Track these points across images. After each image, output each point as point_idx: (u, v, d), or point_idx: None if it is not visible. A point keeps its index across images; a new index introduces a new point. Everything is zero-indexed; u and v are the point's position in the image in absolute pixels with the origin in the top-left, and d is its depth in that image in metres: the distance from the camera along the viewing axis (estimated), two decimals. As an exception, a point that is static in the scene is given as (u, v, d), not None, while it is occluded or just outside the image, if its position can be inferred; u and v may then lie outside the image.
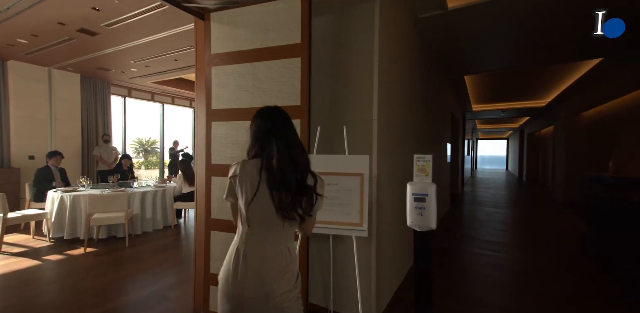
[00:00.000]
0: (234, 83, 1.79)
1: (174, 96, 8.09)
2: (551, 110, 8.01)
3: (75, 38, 3.90)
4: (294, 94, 1.65)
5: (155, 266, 2.78)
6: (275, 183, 0.87)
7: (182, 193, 4.30)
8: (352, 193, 1.42)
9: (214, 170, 1.86)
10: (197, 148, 2.04)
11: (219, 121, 1.85)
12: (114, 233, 3.64)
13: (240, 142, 1.78)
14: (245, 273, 0.88)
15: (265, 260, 0.89)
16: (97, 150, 5.55)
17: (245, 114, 1.77)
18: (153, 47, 4.25)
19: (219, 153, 1.85)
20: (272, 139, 0.92)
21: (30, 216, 3.34)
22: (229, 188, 0.98)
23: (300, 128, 1.62)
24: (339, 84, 1.91)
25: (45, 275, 2.57)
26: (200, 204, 2.01)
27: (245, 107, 1.77)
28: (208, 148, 1.89)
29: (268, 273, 0.88)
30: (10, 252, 3.07)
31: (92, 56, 4.63)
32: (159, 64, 5.09)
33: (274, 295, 0.87)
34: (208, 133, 1.88)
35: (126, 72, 5.64)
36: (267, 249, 0.90)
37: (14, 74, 4.91)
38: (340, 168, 1.45)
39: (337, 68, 1.93)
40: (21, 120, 5.00)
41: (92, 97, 6.12)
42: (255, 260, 0.89)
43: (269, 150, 0.91)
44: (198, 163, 2.05)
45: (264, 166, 0.90)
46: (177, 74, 5.71)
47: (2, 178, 4.54)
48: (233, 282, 0.88)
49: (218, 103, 1.85)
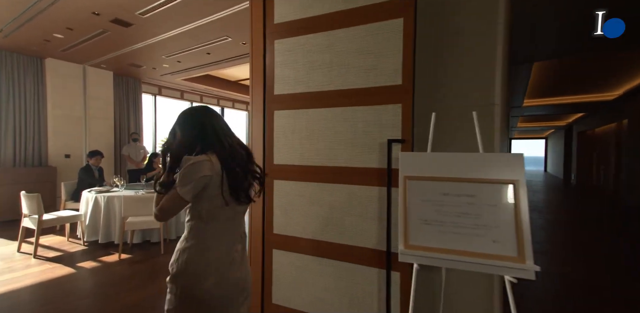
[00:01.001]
0: (305, 60, 1.39)
1: (202, 94, 7.96)
2: (622, 104, 7.01)
3: (109, 30, 3.71)
4: (390, 69, 1.21)
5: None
6: (238, 178, 0.91)
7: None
8: (497, 210, 0.96)
9: (276, 172, 1.47)
10: (252, 145, 1.66)
11: (284, 109, 1.45)
12: (148, 237, 3.41)
13: (313, 136, 1.37)
14: (233, 262, 0.94)
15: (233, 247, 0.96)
16: (125, 149, 5.44)
17: (319, 99, 1.36)
18: (186, 39, 4.00)
19: (284, 151, 1.45)
20: (221, 134, 0.94)
21: (65, 218, 3.17)
22: (198, 187, 0.87)
23: (402, 114, 1.18)
24: (443, 57, 1.43)
25: (80, 287, 2.32)
26: (255, 216, 1.63)
27: (321, 91, 1.36)
28: (269, 145, 1.50)
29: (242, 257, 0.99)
30: (46, 257, 2.90)
31: (125, 51, 4.47)
32: (191, 59, 4.86)
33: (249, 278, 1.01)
34: (269, 125, 1.50)
35: (157, 68, 5.49)
36: (235, 237, 0.97)
37: (51, 72, 4.88)
38: (475, 172, 0.99)
39: (442, 35, 1.44)
40: (58, 118, 4.96)
41: (124, 95, 6.06)
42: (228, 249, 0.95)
43: (222, 145, 0.92)
44: (253, 163, 1.67)
45: (226, 164, 0.90)
46: (209, 69, 5.48)
47: (40, 176, 4.50)
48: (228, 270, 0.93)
49: (282, 87, 1.45)
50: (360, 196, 1.27)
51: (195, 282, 0.88)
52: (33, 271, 2.56)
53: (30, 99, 4.73)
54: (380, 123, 1.23)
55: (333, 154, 1.33)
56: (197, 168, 0.86)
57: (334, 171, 1.32)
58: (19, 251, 3.03)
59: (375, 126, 1.24)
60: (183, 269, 0.89)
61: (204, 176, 0.86)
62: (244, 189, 0.93)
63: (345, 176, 1.30)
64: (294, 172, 1.43)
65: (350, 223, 1.29)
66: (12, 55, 4.54)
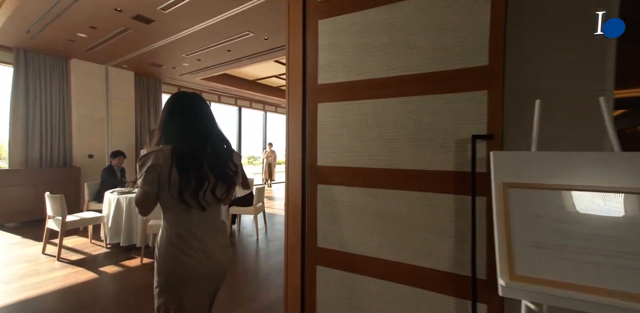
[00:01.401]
0: (356, 41, 1.16)
1: (220, 93, 7.93)
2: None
3: (131, 28, 3.64)
4: (471, 47, 0.96)
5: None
6: (189, 180, 0.91)
7: (237, 197, 3.87)
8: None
9: (321, 176, 1.25)
10: (289, 144, 1.45)
11: (331, 101, 1.23)
12: (169, 240, 3.30)
13: (367, 132, 1.15)
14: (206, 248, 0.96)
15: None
16: (144, 151, 5.41)
17: (376, 88, 1.13)
18: (207, 35, 3.88)
19: (331, 150, 1.23)
20: (185, 129, 0.94)
21: (88, 220, 3.11)
22: (149, 177, 0.90)
23: (488, 103, 0.93)
24: (540, 32, 1.12)
25: (103, 294, 2.21)
26: (292, 224, 1.41)
27: (377, 78, 1.12)
28: (311, 144, 1.28)
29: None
30: (69, 260, 2.83)
31: (146, 50, 4.42)
32: (211, 56, 4.76)
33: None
34: (311, 121, 1.28)
35: (177, 68, 5.44)
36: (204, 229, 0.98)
37: (76, 73, 4.92)
38: (610, 178, 0.73)
39: (538, 4, 1.16)
40: (82, 119, 5.00)
41: (145, 95, 6.07)
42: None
43: (181, 141, 0.94)
44: (290, 166, 1.46)
45: (177, 162, 0.91)
46: (228, 67, 5.37)
47: (64, 177, 4.54)
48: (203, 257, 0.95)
49: (328, 75, 1.23)
50: (429, 205, 1.03)
51: (162, 271, 0.94)
52: (57, 275, 2.48)
53: (56, 99, 4.79)
54: (457, 115, 0.99)
55: (393, 154, 1.10)
56: (146, 159, 0.91)
57: (394, 175, 1.09)
58: (43, 253, 2.99)
59: (450, 119, 1.00)
60: (157, 258, 0.96)
61: (152, 166, 0.89)
62: (191, 191, 0.89)
63: (410, 181, 1.06)
64: (342, 175, 1.20)
65: (416, 239, 1.05)
66: (39, 56, 4.60)
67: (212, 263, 0.96)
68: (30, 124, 4.54)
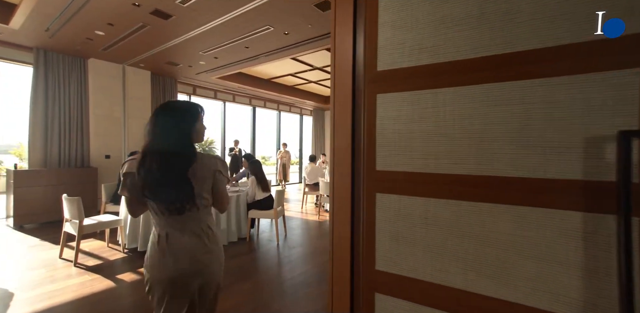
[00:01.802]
0: (433, 14, 0.92)
1: (235, 93, 7.82)
2: None
3: (149, 24, 3.52)
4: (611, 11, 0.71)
5: (244, 299, 2.10)
6: (146, 189, 1.02)
7: (256, 200, 3.68)
8: None
9: (380, 183, 1.02)
10: (334, 145, 1.22)
11: (395, 90, 0.99)
12: (187, 245, 3.14)
13: (447, 128, 0.90)
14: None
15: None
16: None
17: (458, 73, 0.88)
18: (226, 31, 3.71)
19: (394, 151, 0.99)
20: (152, 138, 1.05)
21: (105, 224, 2.99)
22: (125, 183, 1.05)
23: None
24: None
25: (119, 306, 2.05)
26: (339, 240, 1.18)
27: (461, 59, 0.88)
28: (368, 143, 1.05)
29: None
30: (86, 265, 2.71)
31: (163, 48, 4.31)
32: (229, 53, 4.61)
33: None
34: (369, 116, 1.05)
35: (194, 66, 5.33)
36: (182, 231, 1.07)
37: (93, 72, 4.88)
38: None
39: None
40: (99, 119, 4.96)
41: (161, 95, 6.01)
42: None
43: (145, 149, 1.06)
44: (336, 170, 1.23)
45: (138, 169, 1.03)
46: (245, 65, 5.22)
47: (82, 177, 4.48)
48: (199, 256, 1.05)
49: (392, 58, 0.99)
50: (540, 225, 0.78)
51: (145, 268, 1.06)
52: (73, 283, 2.35)
53: (74, 99, 4.76)
54: (588, 104, 0.73)
55: (485, 157, 0.85)
56: (122, 166, 1.04)
57: (487, 184, 0.84)
58: (60, 257, 2.89)
59: (576, 110, 0.74)
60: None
61: (125, 174, 1.02)
62: (151, 199, 1.00)
63: (510, 191, 0.81)
64: (412, 183, 0.97)
65: (518, 269, 0.80)
66: (58, 56, 4.58)
67: (179, 268, 1.01)
68: (49, 124, 4.52)
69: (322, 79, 7.28)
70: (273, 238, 3.70)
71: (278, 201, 3.60)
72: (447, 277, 0.90)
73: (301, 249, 3.32)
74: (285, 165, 8.78)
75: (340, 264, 1.13)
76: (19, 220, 3.94)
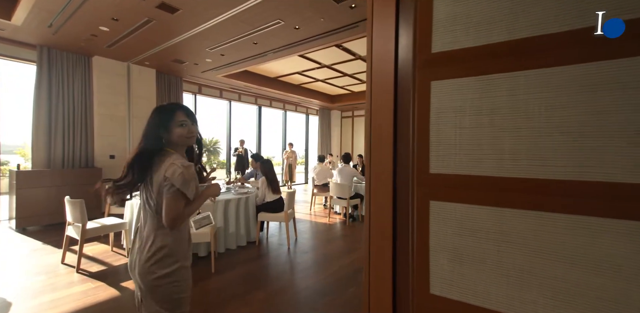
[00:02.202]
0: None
1: (241, 92, 7.69)
2: None
3: (155, 18, 3.38)
4: None
5: (259, 310, 1.94)
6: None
7: (266, 202, 3.52)
8: None
9: (435, 188, 0.84)
10: (371, 140, 1.04)
11: (455, 76, 0.81)
12: (194, 250, 2.99)
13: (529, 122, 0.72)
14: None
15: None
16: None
17: (542, 52, 0.71)
18: (234, 26, 3.56)
19: (454, 150, 0.82)
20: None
21: (109, 227, 2.85)
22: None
23: None
24: None
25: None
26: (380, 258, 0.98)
27: (546, 34, 0.70)
28: (420, 140, 0.87)
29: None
30: (89, 272, 2.57)
31: (169, 44, 4.17)
32: (236, 51, 4.46)
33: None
34: (420, 107, 0.87)
35: (200, 64, 5.19)
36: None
37: (98, 71, 4.76)
38: None
39: None
40: (103, 118, 4.84)
41: (166, 94, 5.88)
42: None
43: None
44: (374, 173, 1.05)
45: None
46: (252, 63, 5.06)
47: (87, 178, 4.36)
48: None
49: (451, 37, 0.81)
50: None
51: None
52: (75, 291, 2.20)
53: (78, 98, 4.64)
54: None
55: (589, 158, 0.67)
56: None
57: (593, 192, 0.66)
58: (62, 262, 2.75)
59: None
60: None
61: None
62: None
63: (631, 203, 0.63)
64: (477, 188, 0.79)
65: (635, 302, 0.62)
66: (62, 54, 4.47)
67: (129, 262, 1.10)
68: (52, 123, 4.41)
69: (330, 78, 7.11)
70: (283, 242, 3.53)
71: (289, 204, 3.43)
72: (524, 307, 0.72)
73: (314, 254, 3.15)
74: (291, 165, 8.63)
75: (379, 285, 0.95)
76: (22, 222, 3.82)
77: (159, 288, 1.04)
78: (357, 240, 3.70)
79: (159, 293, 1.05)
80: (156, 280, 1.04)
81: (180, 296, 1.08)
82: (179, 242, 1.09)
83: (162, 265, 1.04)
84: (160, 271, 1.04)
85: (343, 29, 3.63)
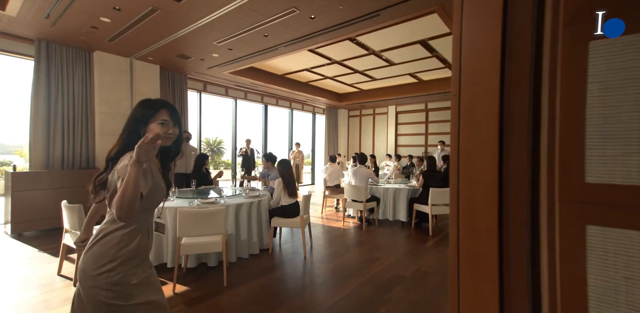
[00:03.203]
0: None
1: (247, 90, 7.43)
2: None
3: (159, 8, 3.12)
4: None
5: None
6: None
7: (280, 206, 3.25)
8: None
9: (598, 206, 0.56)
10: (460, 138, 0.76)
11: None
12: (204, 259, 2.73)
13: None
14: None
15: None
16: None
17: None
18: (245, 15, 3.29)
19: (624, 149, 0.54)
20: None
21: (110, 235, 2.58)
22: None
23: None
24: None
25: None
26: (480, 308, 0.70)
27: None
28: (566, 132, 0.60)
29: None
30: (86, 285, 2.31)
31: (174, 37, 3.91)
32: (245, 44, 4.19)
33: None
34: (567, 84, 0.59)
35: (206, 59, 4.93)
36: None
37: (99, 66, 4.51)
38: None
39: None
40: (104, 116, 4.59)
41: (170, 91, 5.63)
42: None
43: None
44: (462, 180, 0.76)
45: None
46: (261, 58, 4.80)
47: (87, 180, 4.05)
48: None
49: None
50: None
51: None
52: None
53: (79, 96, 4.40)
54: None
55: None
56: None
57: None
58: (59, 273, 2.49)
59: None
60: None
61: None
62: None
63: None
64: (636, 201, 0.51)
65: None
66: (61, 48, 4.22)
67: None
68: (51, 122, 4.16)
69: (339, 75, 6.83)
70: (298, 250, 3.26)
71: (305, 208, 3.16)
72: None
73: (333, 264, 2.88)
74: (298, 166, 8.36)
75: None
76: (18, 227, 3.58)
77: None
78: (376, 247, 3.42)
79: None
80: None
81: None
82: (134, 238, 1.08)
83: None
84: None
85: (362, 19, 3.35)
